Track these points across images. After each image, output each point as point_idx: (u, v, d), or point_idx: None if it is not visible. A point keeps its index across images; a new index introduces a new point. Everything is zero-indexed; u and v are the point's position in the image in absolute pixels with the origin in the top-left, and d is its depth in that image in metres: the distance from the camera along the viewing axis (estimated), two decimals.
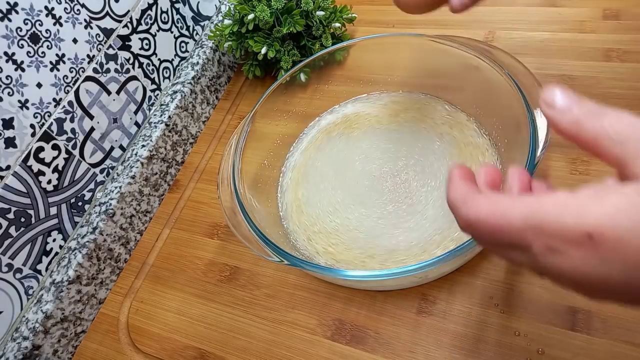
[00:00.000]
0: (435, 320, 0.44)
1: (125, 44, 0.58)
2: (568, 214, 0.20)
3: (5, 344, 0.47)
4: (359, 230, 0.49)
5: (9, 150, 0.46)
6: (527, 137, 0.41)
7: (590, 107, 0.24)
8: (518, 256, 0.22)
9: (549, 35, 0.61)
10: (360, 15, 0.70)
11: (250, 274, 0.52)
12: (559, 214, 0.20)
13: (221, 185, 0.49)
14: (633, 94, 0.53)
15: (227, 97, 0.71)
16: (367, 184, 0.52)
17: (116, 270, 0.56)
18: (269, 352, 0.46)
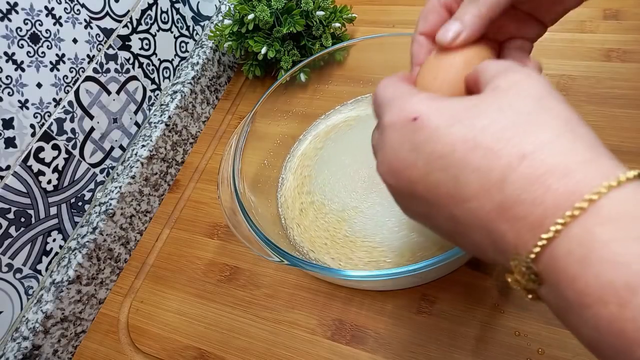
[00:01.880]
0: (435, 320, 0.44)
1: (125, 44, 0.58)
2: (413, 99, 0.24)
3: (5, 344, 0.47)
4: (359, 230, 0.49)
5: (9, 150, 0.46)
6: None
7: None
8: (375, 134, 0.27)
9: (549, 35, 0.60)
10: (360, 15, 0.70)
11: (250, 274, 0.52)
12: (408, 97, 0.24)
13: (221, 185, 0.49)
14: (633, 94, 0.53)
15: (227, 97, 0.71)
16: (367, 185, 0.52)
17: (116, 270, 0.56)
18: (269, 352, 0.46)
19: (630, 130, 0.50)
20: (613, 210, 0.18)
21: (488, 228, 0.21)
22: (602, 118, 0.52)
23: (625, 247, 0.17)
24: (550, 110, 0.22)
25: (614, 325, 0.17)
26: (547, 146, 0.20)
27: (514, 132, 0.21)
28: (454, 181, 0.22)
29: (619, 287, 0.17)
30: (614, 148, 0.53)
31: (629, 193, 0.19)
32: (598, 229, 0.18)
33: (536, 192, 0.20)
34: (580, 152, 0.20)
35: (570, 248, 0.19)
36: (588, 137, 0.21)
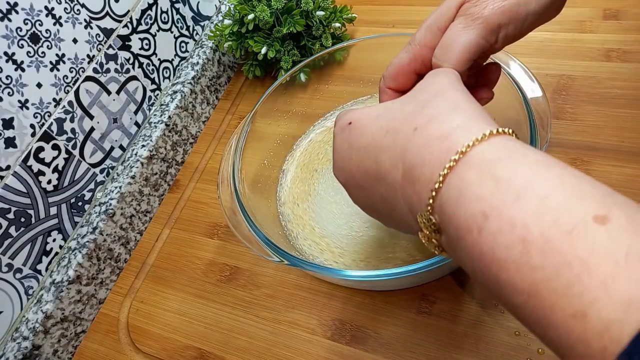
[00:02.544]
0: (435, 320, 0.44)
1: (125, 44, 0.58)
2: (352, 111, 0.30)
3: (5, 344, 0.47)
4: (359, 229, 0.49)
5: (9, 150, 0.46)
6: (527, 137, 0.41)
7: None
8: None
9: (549, 35, 0.61)
10: (360, 15, 0.70)
11: (250, 274, 0.52)
12: (350, 110, 0.30)
13: (221, 185, 0.49)
14: (633, 94, 0.53)
15: (227, 97, 0.71)
16: None
17: (116, 270, 0.56)
18: (269, 352, 0.46)
19: (630, 130, 0.50)
20: (479, 158, 0.22)
21: (403, 196, 0.26)
22: (602, 118, 0.52)
23: (483, 184, 0.21)
24: (444, 95, 0.27)
25: (476, 249, 0.21)
26: (433, 119, 0.25)
27: (413, 114, 0.26)
28: (375, 163, 0.27)
29: (477, 216, 0.21)
30: (614, 148, 0.53)
31: (494, 144, 0.23)
32: (466, 174, 0.22)
33: (424, 155, 0.24)
34: (457, 120, 0.24)
35: (450, 194, 0.22)
36: (468, 109, 0.25)
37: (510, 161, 0.21)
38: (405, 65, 0.34)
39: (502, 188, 0.20)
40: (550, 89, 0.55)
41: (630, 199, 0.19)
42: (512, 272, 0.19)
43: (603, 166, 0.48)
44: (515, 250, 0.19)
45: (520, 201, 0.20)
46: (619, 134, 0.50)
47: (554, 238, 0.18)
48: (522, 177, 0.20)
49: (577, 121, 0.52)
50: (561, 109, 0.54)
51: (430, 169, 0.23)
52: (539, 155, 0.22)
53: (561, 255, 0.18)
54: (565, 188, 0.19)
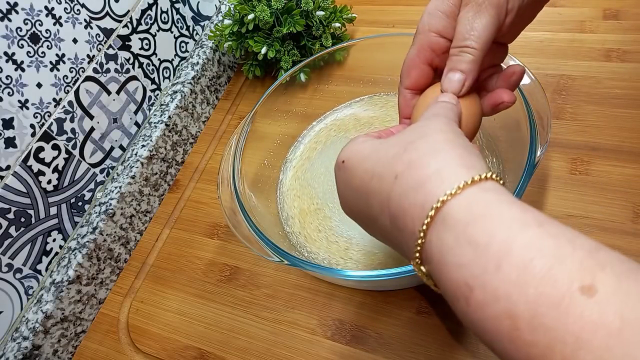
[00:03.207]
0: (435, 320, 0.44)
1: (125, 44, 0.58)
2: (350, 145, 0.29)
3: (5, 344, 0.47)
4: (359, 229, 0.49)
5: (9, 150, 0.46)
6: (527, 137, 0.41)
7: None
8: None
9: (549, 35, 0.61)
10: (360, 15, 0.70)
11: (250, 274, 0.52)
12: (349, 143, 0.30)
13: (221, 185, 0.49)
14: (633, 94, 0.53)
15: (227, 97, 0.71)
16: None
17: (116, 270, 0.56)
18: (269, 352, 0.46)
19: (630, 130, 0.50)
20: (454, 216, 0.21)
21: (395, 243, 0.25)
22: (602, 118, 0.52)
23: (462, 251, 0.20)
24: (426, 137, 0.26)
25: (467, 318, 0.21)
26: (412, 164, 0.24)
27: (395, 159, 0.25)
28: (366, 206, 0.27)
29: (462, 286, 0.20)
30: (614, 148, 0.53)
31: (469, 198, 0.22)
32: (444, 235, 0.21)
33: (404, 206, 0.23)
34: (434, 165, 0.23)
35: (432, 253, 0.22)
36: (451, 151, 0.24)
37: (485, 221, 0.21)
38: (415, 57, 0.34)
39: (481, 255, 0.20)
40: (550, 89, 0.55)
41: (615, 251, 0.19)
42: (506, 344, 0.19)
43: (603, 166, 0.48)
44: (504, 323, 0.19)
45: (502, 271, 0.19)
46: (619, 134, 0.50)
47: (542, 312, 0.18)
48: (500, 242, 0.20)
49: (577, 121, 0.52)
50: (561, 109, 0.54)
51: (411, 222, 0.23)
52: (516, 209, 0.21)
53: (553, 332, 0.17)
54: (545, 254, 0.19)
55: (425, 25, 0.33)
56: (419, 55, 0.34)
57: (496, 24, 0.31)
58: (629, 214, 0.45)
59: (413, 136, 0.26)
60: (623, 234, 0.44)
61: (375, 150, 0.27)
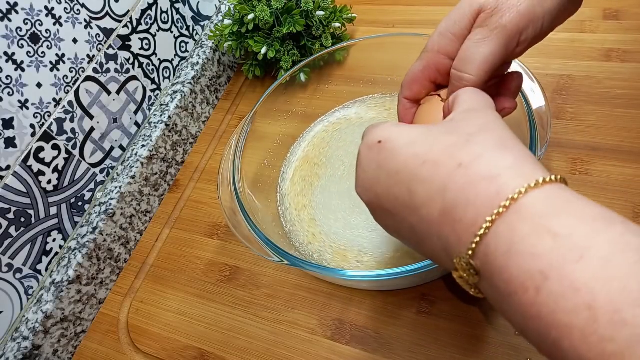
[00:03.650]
0: (435, 320, 0.44)
1: (125, 44, 0.58)
2: (383, 126, 0.28)
3: (5, 344, 0.47)
4: (360, 230, 0.49)
5: (9, 150, 0.46)
6: (527, 137, 0.41)
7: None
8: None
9: (549, 35, 0.60)
10: (360, 15, 0.70)
11: (250, 274, 0.52)
12: (380, 125, 0.28)
13: (221, 185, 0.49)
14: (633, 94, 0.53)
15: (227, 97, 0.71)
16: None
17: (116, 270, 0.56)
18: (269, 352, 0.46)
19: (630, 130, 0.50)
20: (532, 208, 0.21)
21: (438, 233, 0.24)
22: (602, 118, 0.52)
23: (539, 240, 0.20)
24: (489, 131, 0.25)
25: (533, 310, 0.19)
26: (479, 157, 0.23)
27: (455, 148, 0.24)
28: (408, 193, 0.25)
29: (535, 275, 0.19)
30: (614, 148, 0.53)
31: (548, 193, 0.21)
32: (519, 225, 0.20)
33: (469, 196, 0.22)
34: (507, 160, 0.23)
35: (498, 243, 0.21)
36: (517, 150, 0.24)
37: (567, 215, 0.20)
38: (419, 72, 0.34)
39: (562, 246, 0.19)
40: (550, 89, 0.55)
41: None
42: (577, 340, 0.18)
43: (603, 166, 0.48)
44: (581, 316, 0.18)
45: (584, 262, 0.18)
46: (619, 134, 0.50)
47: (624, 308, 0.17)
48: (583, 235, 0.19)
49: (577, 121, 0.52)
50: (561, 109, 0.54)
51: (474, 212, 0.22)
52: (598, 209, 0.20)
53: (634, 329, 0.16)
54: (630, 249, 0.18)
55: (435, 44, 0.33)
56: (424, 72, 0.34)
57: (502, 54, 0.30)
58: (629, 214, 0.45)
59: (472, 127, 0.25)
60: None
61: (426, 135, 0.26)
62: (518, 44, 0.31)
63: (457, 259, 0.23)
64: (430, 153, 0.24)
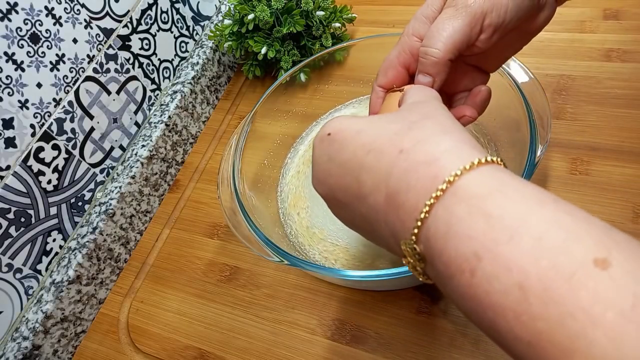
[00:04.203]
0: (435, 320, 0.44)
1: (125, 44, 0.58)
2: (333, 120, 0.28)
3: (5, 344, 0.47)
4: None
5: (9, 150, 0.46)
6: (527, 137, 0.41)
7: None
8: None
9: (549, 35, 0.61)
10: (360, 15, 0.70)
11: (250, 274, 0.52)
12: (332, 119, 0.28)
13: (221, 185, 0.49)
14: (633, 94, 0.53)
15: (227, 97, 0.71)
16: None
17: (116, 270, 0.56)
18: (269, 352, 0.46)
19: (630, 130, 0.50)
20: (467, 190, 0.21)
21: (385, 220, 0.24)
22: (602, 118, 0.52)
23: (475, 222, 0.20)
24: (433, 118, 0.25)
25: (470, 291, 0.20)
26: (421, 141, 0.24)
27: (398, 136, 0.24)
28: (356, 182, 0.25)
29: (470, 257, 0.19)
30: (614, 148, 0.52)
31: (483, 174, 0.21)
32: (455, 207, 0.21)
33: (410, 180, 0.23)
34: (446, 144, 0.23)
35: (437, 226, 0.21)
36: (457, 134, 0.24)
37: (501, 195, 0.20)
38: (394, 58, 0.35)
39: (495, 226, 0.19)
40: (550, 89, 0.55)
41: (629, 235, 0.18)
42: (511, 320, 0.18)
43: (603, 166, 0.48)
44: (513, 296, 0.18)
45: (515, 242, 0.18)
46: (619, 134, 0.50)
47: (554, 285, 0.17)
48: (515, 215, 0.19)
49: (577, 121, 0.52)
50: (561, 109, 0.54)
51: (415, 196, 0.22)
52: (531, 188, 0.20)
53: (563, 306, 0.17)
54: (561, 227, 0.18)
55: (409, 28, 0.35)
56: (399, 57, 0.35)
57: (467, 33, 0.31)
58: (629, 214, 0.45)
59: (416, 115, 0.26)
60: None
61: (372, 124, 0.26)
62: (482, 28, 0.31)
63: (403, 244, 0.23)
64: (376, 142, 0.25)
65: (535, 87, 0.45)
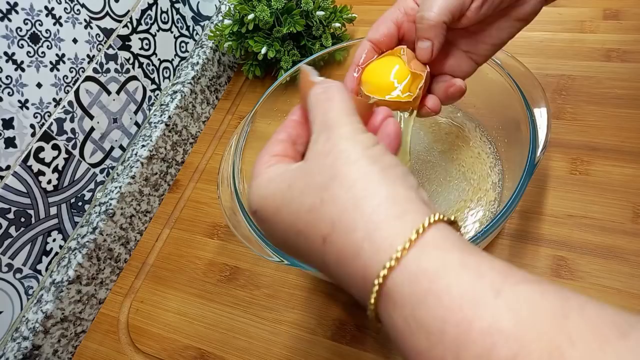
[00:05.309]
0: None
1: (125, 44, 0.58)
2: (251, 196, 0.26)
3: (5, 344, 0.47)
4: None
5: (9, 150, 0.46)
6: (527, 137, 0.41)
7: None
8: None
9: (549, 35, 0.61)
10: (360, 15, 0.70)
11: (250, 274, 0.52)
12: (251, 186, 0.26)
13: (221, 185, 0.49)
14: (633, 94, 0.53)
15: (227, 97, 0.71)
16: None
17: (116, 270, 0.56)
18: (269, 352, 0.46)
19: (630, 130, 0.50)
20: (400, 294, 0.19)
21: (345, 285, 0.23)
22: (602, 118, 0.52)
23: (416, 338, 0.18)
24: (339, 178, 0.22)
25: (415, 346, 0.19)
26: (336, 225, 0.21)
27: (313, 213, 0.22)
28: (305, 257, 0.24)
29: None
30: (614, 148, 0.53)
31: (410, 268, 0.19)
32: (395, 315, 0.19)
33: (343, 275, 0.22)
34: (361, 225, 0.21)
35: (389, 331, 0.20)
36: (374, 199, 0.21)
37: (434, 301, 0.18)
38: (388, 15, 0.37)
39: (436, 345, 0.18)
40: (550, 89, 0.55)
41: (584, 308, 0.17)
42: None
43: (603, 166, 0.48)
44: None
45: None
46: (619, 134, 0.50)
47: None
48: (454, 326, 0.18)
49: (577, 121, 0.52)
50: (561, 109, 0.54)
51: (357, 293, 0.21)
52: (466, 275, 0.18)
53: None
54: (507, 336, 0.17)
55: None
56: (392, 14, 0.37)
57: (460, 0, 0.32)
58: (629, 214, 0.45)
59: (323, 176, 0.23)
60: (623, 234, 0.44)
61: (286, 198, 0.24)
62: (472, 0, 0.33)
63: (368, 310, 0.22)
64: (296, 224, 0.23)
65: (535, 87, 0.45)
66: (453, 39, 0.36)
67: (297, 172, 0.24)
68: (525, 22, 0.35)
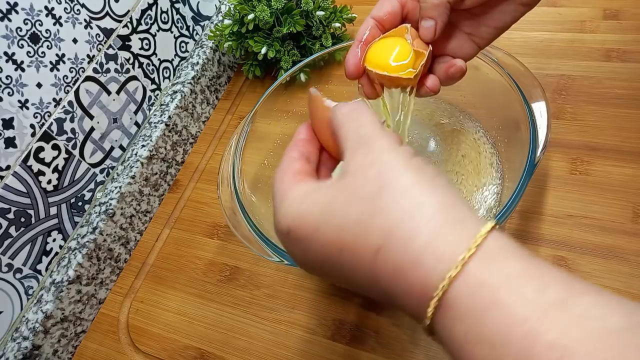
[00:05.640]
0: None
1: (125, 44, 0.58)
2: (281, 211, 0.25)
3: (5, 344, 0.47)
4: None
5: (9, 150, 0.46)
6: (527, 137, 0.41)
7: None
8: None
9: (549, 35, 0.61)
10: (360, 15, 0.70)
11: (250, 274, 0.52)
12: (279, 205, 0.25)
13: (221, 185, 0.49)
14: (633, 94, 0.53)
15: (227, 97, 0.71)
16: None
17: (116, 270, 0.56)
18: (269, 352, 0.46)
19: (630, 130, 0.50)
20: (461, 305, 0.19)
21: (397, 297, 0.22)
22: (602, 118, 0.52)
23: (478, 348, 0.18)
24: (389, 188, 0.21)
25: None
26: (392, 234, 0.20)
27: (363, 224, 0.21)
28: (345, 279, 0.23)
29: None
30: (614, 148, 0.53)
31: (473, 278, 0.19)
32: (455, 327, 0.19)
33: (400, 286, 0.20)
34: (423, 235, 0.20)
35: (444, 342, 0.20)
36: (431, 206, 0.21)
37: (497, 312, 0.18)
38: None
39: (500, 357, 0.17)
40: (550, 89, 0.55)
41: None
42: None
43: (603, 166, 0.48)
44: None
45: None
46: (619, 134, 0.50)
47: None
48: (519, 340, 0.17)
49: (577, 121, 0.52)
50: (561, 109, 0.54)
51: (412, 304, 0.20)
52: (530, 286, 0.18)
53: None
54: (573, 350, 0.16)
55: None
56: None
57: None
58: (629, 214, 0.45)
59: (369, 187, 0.22)
60: (623, 234, 0.44)
61: (328, 214, 0.23)
62: None
63: (420, 323, 0.21)
64: (342, 238, 0.22)
65: (535, 87, 0.45)
66: (456, 20, 0.36)
67: (336, 187, 0.23)
68: (529, 6, 0.35)
